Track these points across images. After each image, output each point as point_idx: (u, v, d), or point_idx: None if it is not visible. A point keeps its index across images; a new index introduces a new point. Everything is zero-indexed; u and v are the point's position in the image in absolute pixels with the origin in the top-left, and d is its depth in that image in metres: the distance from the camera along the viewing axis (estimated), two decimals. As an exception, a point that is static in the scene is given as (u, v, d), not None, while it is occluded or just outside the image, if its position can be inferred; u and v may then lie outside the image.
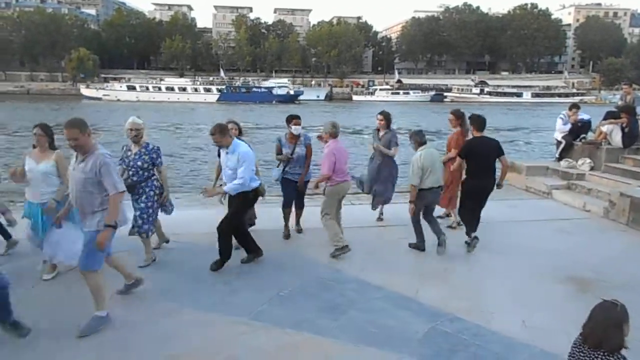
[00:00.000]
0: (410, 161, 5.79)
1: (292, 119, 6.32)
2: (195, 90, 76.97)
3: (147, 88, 76.65)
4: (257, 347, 3.75)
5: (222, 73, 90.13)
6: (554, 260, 5.69)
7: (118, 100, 71.30)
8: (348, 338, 3.92)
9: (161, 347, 3.74)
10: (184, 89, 76.95)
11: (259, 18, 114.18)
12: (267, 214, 6.72)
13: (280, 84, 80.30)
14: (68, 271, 4.99)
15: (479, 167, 5.90)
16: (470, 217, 6.04)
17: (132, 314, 4.24)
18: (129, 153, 5.28)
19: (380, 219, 7.21)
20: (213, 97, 75.28)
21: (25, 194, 4.94)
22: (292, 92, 77.34)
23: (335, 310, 4.41)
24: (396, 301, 4.62)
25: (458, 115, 6.93)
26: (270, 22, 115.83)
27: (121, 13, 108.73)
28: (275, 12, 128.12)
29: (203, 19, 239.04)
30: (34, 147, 4.88)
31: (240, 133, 5.97)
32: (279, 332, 3.97)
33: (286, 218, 6.51)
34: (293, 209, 6.55)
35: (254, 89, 77.78)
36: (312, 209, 6.50)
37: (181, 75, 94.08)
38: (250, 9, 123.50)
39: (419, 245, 5.96)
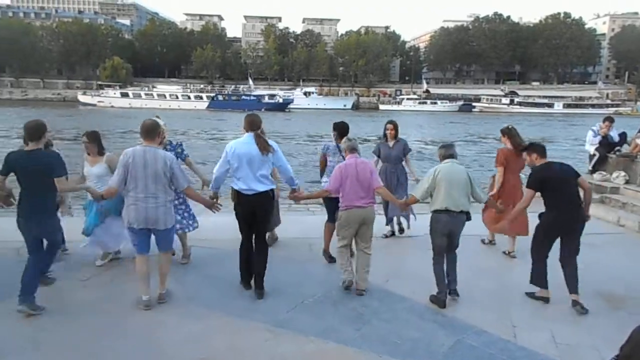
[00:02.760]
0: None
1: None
2: (188, 97, 78.18)
3: (140, 95, 78.30)
4: (281, 355, 3.78)
5: (250, 82, 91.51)
6: (584, 275, 5.49)
7: (112, 106, 73.10)
8: (372, 348, 3.90)
9: (189, 350, 3.81)
10: (176, 96, 78.14)
11: (287, 28, 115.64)
12: (293, 222, 6.77)
13: (269, 93, 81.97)
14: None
15: (562, 197, 4.76)
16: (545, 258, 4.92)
17: (163, 315, 4.35)
18: None
19: (401, 229, 6.95)
20: (203, 104, 76.30)
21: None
22: (281, 100, 77.92)
23: (359, 319, 4.40)
24: (421, 313, 4.58)
25: (504, 132, 6.38)
26: (298, 31, 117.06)
27: (154, 23, 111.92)
28: (303, 21, 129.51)
29: (233, 28, 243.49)
30: (88, 153, 5.30)
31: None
32: (303, 340, 3.98)
33: (327, 234, 5.91)
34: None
35: (243, 97, 78.56)
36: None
37: (210, 84, 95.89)
38: (279, 19, 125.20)
39: (439, 298, 4.74)
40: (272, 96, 79.21)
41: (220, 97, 78.13)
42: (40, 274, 4.49)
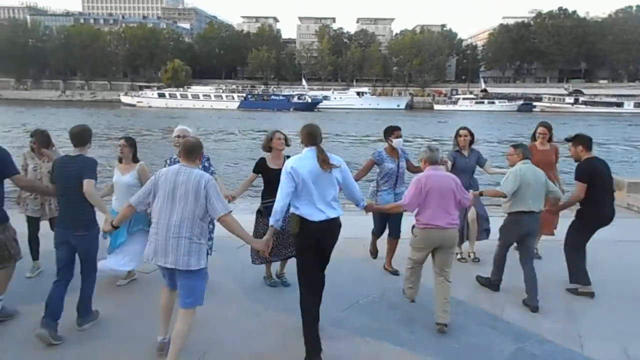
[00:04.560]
0: (508, 172, 4.86)
1: (393, 130, 5.40)
2: (220, 97, 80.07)
3: (176, 95, 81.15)
4: (336, 354, 3.78)
5: (303, 82, 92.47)
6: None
7: (149, 106, 76.23)
8: (428, 352, 3.84)
9: (245, 345, 3.91)
10: (209, 97, 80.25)
11: (341, 28, 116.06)
12: (345, 221, 6.74)
13: (300, 93, 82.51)
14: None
15: (602, 191, 4.91)
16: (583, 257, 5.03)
17: (221, 312, 4.47)
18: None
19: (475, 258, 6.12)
20: (234, 104, 77.89)
21: (112, 203, 4.99)
22: (309, 100, 78.37)
23: (415, 322, 4.35)
24: (479, 318, 4.46)
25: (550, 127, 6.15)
26: (352, 31, 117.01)
27: (212, 26, 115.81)
28: (357, 21, 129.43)
29: (288, 30, 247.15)
30: (120, 159, 5.02)
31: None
32: (358, 340, 3.98)
33: (373, 244, 5.74)
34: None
35: (273, 97, 79.94)
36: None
37: (265, 84, 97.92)
38: (334, 20, 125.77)
39: (493, 282, 4.97)
40: (300, 96, 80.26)
41: (251, 97, 79.95)
42: (86, 299, 4.10)
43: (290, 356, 3.73)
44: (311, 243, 3.69)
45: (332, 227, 3.74)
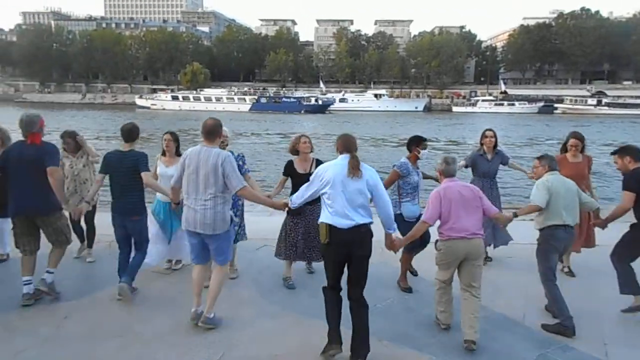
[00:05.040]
0: (535, 184, 4.60)
1: (420, 141, 5.17)
2: (232, 100, 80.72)
3: (189, 98, 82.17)
4: (354, 356, 3.75)
5: (321, 85, 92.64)
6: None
7: (163, 109, 77.64)
8: (448, 356, 3.79)
9: (261, 347, 3.91)
10: (221, 99, 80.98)
11: (359, 30, 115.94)
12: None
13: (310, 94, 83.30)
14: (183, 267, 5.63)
15: None
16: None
17: (238, 314, 4.49)
18: None
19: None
20: (246, 106, 78.30)
21: (157, 194, 5.26)
22: (320, 102, 78.51)
23: (435, 327, 4.29)
24: (500, 323, 4.38)
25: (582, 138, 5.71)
26: (370, 33, 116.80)
27: (231, 29, 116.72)
28: (375, 23, 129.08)
29: (306, 32, 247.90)
30: (163, 152, 5.38)
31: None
32: (376, 342, 3.93)
33: (404, 264, 5.27)
34: None
35: (284, 99, 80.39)
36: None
37: (283, 87, 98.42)
38: (351, 22, 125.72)
39: (564, 324, 4.19)
40: (311, 98, 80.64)
41: (262, 100, 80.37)
42: (136, 266, 4.75)
43: (308, 359, 3.72)
44: (338, 250, 3.65)
45: (361, 234, 3.64)
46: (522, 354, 3.85)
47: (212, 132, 4.01)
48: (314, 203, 4.32)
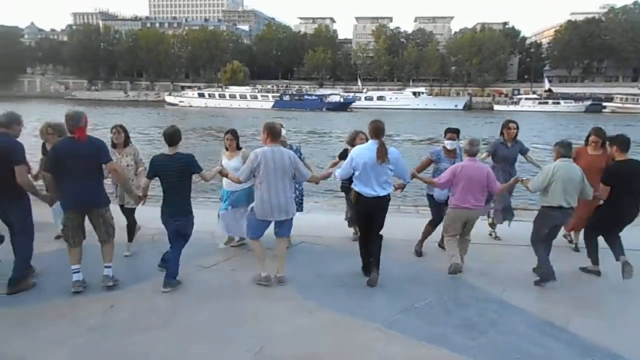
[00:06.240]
0: (541, 169, 5.36)
1: (448, 132, 5.91)
2: (255, 97, 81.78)
3: (214, 95, 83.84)
4: (390, 356, 3.74)
5: (359, 83, 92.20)
6: None
7: (190, 106, 79.40)
8: (487, 360, 3.70)
9: (299, 343, 3.93)
10: (245, 97, 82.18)
11: (398, 27, 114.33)
12: (400, 224, 6.66)
13: (334, 93, 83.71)
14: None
15: (621, 193, 5.13)
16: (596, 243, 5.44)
17: (275, 307, 4.54)
18: None
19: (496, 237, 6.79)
20: (269, 103, 79.40)
21: (223, 183, 5.97)
22: (342, 100, 78.87)
23: (474, 329, 4.20)
24: (543, 328, 4.24)
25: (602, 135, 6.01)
26: (410, 31, 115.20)
27: (270, 28, 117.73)
28: (415, 20, 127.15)
29: (345, 30, 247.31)
30: (226, 148, 5.97)
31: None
32: (414, 343, 3.90)
33: (424, 233, 6.13)
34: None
35: (306, 97, 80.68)
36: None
37: (320, 85, 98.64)
38: (391, 19, 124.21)
39: (544, 271, 5.09)
40: (334, 96, 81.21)
41: (285, 97, 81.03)
42: (177, 255, 4.96)
43: (343, 357, 3.72)
44: (362, 211, 5.07)
45: (380, 201, 4.94)
46: (566, 360, 3.72)
47: (279, 133, 4.98)
48: None
